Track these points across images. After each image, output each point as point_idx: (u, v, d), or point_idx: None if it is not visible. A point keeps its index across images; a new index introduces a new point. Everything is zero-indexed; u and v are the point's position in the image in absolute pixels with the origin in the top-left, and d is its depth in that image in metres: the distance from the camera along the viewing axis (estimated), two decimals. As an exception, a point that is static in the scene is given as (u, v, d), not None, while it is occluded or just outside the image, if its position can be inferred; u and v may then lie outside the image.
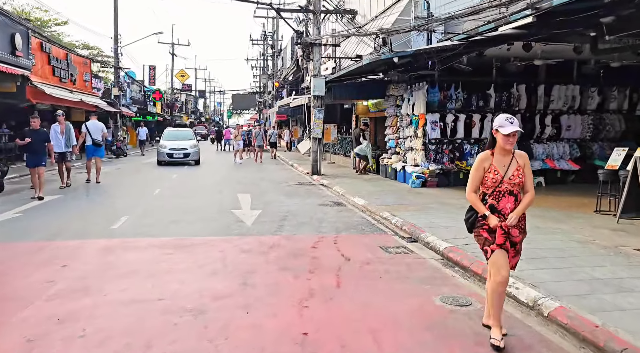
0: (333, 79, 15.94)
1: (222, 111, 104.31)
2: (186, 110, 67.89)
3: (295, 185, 13.77)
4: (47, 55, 18.64)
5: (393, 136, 15.41)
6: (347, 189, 12.37)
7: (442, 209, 9.30)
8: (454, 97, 13.34)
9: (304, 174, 17.29)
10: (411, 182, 12.92)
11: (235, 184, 13.76)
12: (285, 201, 10.75)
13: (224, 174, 16.97)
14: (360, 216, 9.05)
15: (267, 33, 39.72)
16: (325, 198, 11.42)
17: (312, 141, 16.48)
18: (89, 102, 21.72)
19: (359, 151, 16.51)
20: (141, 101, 36.17)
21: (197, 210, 9.41)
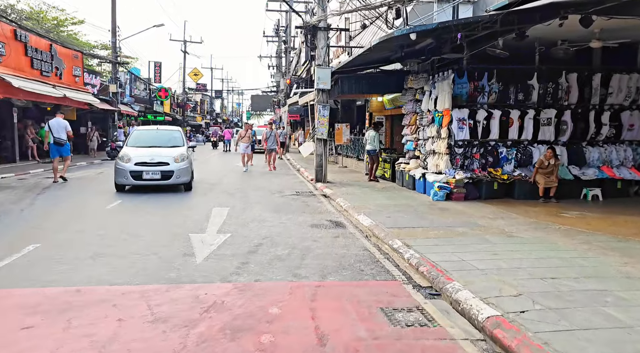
0: (341, 69, 13.53)
1: (242, 112, 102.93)
2: (201, 110, 66.30)
3: (291, 196, 11.40)
4: (23, 44, 16.74)
5: (411, 136, 12.92)
6: (353, 202, 9.94)
7: (476, 237, 6.81)
8: (486, 89, 10.80)
9: (307, 181, 14.91)
10: (433, 194, 10.41)
11: (218, 193, 11.47)
12: (269, 219, 8.39)
13: (213, 179, 14.70)
14: (362, 245, 6.61)
15: (280, 27, 37.53)
16: (323, 214, 9.01)
17: (315, 143, 14.11)
18: (76, 98, 19.79)
19: (369, 145, 14.03)
20: (146, 99, 34.35)
21: (145, 233, 7.12)
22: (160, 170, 11.15)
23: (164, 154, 11.48)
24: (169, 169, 11.22)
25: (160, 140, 12.50)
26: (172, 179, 11.25)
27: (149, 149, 11.75)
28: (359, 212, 8.78)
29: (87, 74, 23.89)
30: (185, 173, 11.56)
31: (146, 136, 12.77)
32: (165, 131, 13.63)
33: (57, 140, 12.96)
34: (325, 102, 13.89)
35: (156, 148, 11.88)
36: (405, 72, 13.51)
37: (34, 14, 34.32)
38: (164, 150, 11.76)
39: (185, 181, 11.59)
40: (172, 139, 12.73)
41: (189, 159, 11.91)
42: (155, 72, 35.87)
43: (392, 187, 12.77)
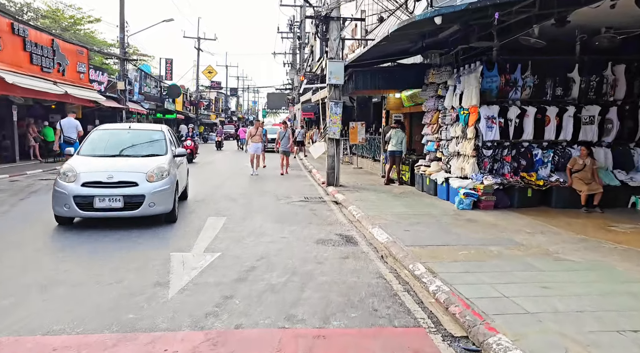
0: (355, 62, 12.35)
1: (258, 110, 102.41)
2: (215, 108, 65.66)
3: (299, 202, 10.27)
4: (22, 39, 15.92)
5: (432, 136, 11.69)
6: (367, 210, 8.78)
7: (515, 259, 5.59)
8: (519, 82, 9.54)
9: (318, 184, 13.77)
10: (458, 201, 9.18)
11: (218, 199, 10.40)
12: (270, 232, 7.27)
13: (216, 182, 13.66)
14: (376, 270, 5.45)
15: (294, 23, 36.43)
16: (332, 226, 7.86)
17: (327, 143, 12.96)
18: (79, 95, 18.97)
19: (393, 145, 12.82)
20: (157, 97, 33.57)
21: (115, 249, 6.06)
22: (123, 194, 7.07)
23: (132, 168, 7.49)
24: (136, 194, 7.12)
25: (131, 145, 8.43)
26: (142, 208, 7.13)
27: (109, 161, 7.83)
28: (374, 224, 7.61)
29: (94, 71, 23.10)
30: (165, 198, 7.43)
31: (110, 139, 8.62)
32: (141, 131, 9.25)
33: (67, 139, 13.43)
34: (338, 98, 12.73)
35: (122, 158, 7.98)
36: (426, 66, 12.28)
37: (50, 13, 34.06)
38: (133, 162, 7.80)
39: (164, 211, 7.47)
40: (149, 144, 8.55)
41: (172, 176, 7.75)
42: (167, 69, 35.09)
43: (411, 192, 11.56)
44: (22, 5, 33.71)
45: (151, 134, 9.03)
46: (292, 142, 17.72)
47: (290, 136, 17.52)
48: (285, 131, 17.27)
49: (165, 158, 8.08)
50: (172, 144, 8.94)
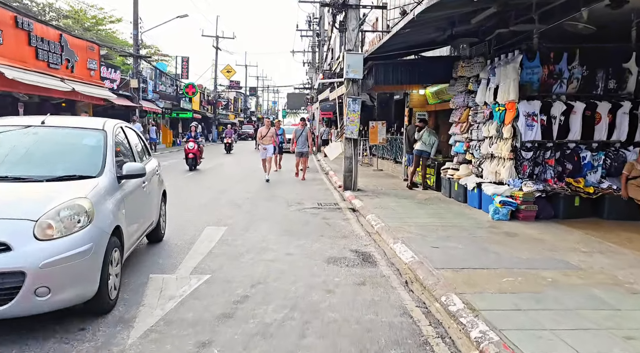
0: (375, 54, 11.21)
1: (277, 110, 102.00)
2: (234, 108, 65.14)
3: (310, 209, 9.19)
4: (27, 33, 15.21)
5: (461, 136, 10.49)
6: (388, 220, 7.65)
7: (577, 291, 4.41)
8: (565, 74, 8.28)
9: (335, 188, 12.67)
10: (493, 211, 7.97)
11: (222, 204, 9.38)
12: (273, 247, 6.21)
13: (222, 186, 12.68)
14: (400, 302, 4.33)
15: (313, 20, 35.39)
16: (347, 240, 6.75)
17: (344, 143, 11.85)
18: (88, 93, 18.24)
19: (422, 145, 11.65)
20: (172, 96, 32.91)
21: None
22: None
23: (9, 208, 3.62)
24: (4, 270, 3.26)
25: (33, 157, 4.51)
26: (19, 302, 3.29)
27: None
28: (396, 238, 6.48)
29: (106, 68, 22.45)
30: (78, 275, 3.57)
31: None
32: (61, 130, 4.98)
33: None
34: (356, 94, 11.62)
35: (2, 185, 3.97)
36: (454, 58, 11.08)
37: (73, 13, 33.96)
38: (22, 192, 3.95)
39: (78, 299, 3.62)
40: (70, 154, 4.71)
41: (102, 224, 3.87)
42: (183, 68, 34.44)
43: (437, 198, 10.38)
44: (45, 5, 33.65)
45: (79, 136, 4.87)
46: (310, 142, 15.18)
47: (309, 136, 15.04)
48: (303, 130, 14.94)
49: (94, 186, 4.07)
50: (126, 155, 5.09)
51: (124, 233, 4.33)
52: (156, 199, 6.07)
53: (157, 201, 6.14)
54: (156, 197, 6.08)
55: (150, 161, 6.21)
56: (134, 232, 4.83)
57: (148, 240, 6.11)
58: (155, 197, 6.00)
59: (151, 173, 5.80)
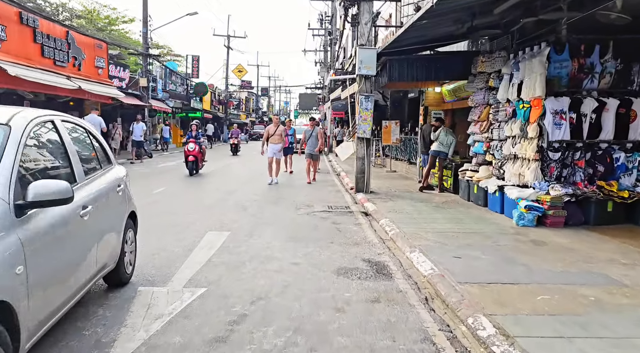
0: (389, 49, 10.64)
1: (289, 110, 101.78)
2: (246, 108, 64.90)
3: (320, 213, 8.64)
4: (31, 29, 14.89)
5: (481, 136, 9.88)
6: (403, 226, 7.08)
7: (625, 312, 3.82)
8: (597, 68, 7.64)
9: (347, 190, 12.12)
10: (517, 216, 7.35)
11: (227, 207, 8.87)
12: (279, 255, 5.68)
13: (231, 187, 12.19)
14: (420, 324, 3.77)
15: (325, 18, 34.86)
16: (359, 248, 6.19)
17: (356, 143, 11.29)
18: (95, 91, 17.90)
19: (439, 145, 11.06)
20: (183, 95, 32.60)
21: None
22: None
23: None
24: None
25: None
26: None
27: None
28: (412, 246, 5.92)
29: (114, 67, 22.15)
30: None
31: None
32: None
33: None
34: (369, 92, 11.06)
35: None
36: (473, 53, 10.48)
37: (86, 13, 33.95)
38: None
39: None
40: None
41: None
42: (193, 67, 34.13)
43: (455, 202, 9.77)
44: (58, 5, 33.64)
45: None
46: (322, 143, 14.01)
47: (320, 136, 13.92)
48: (313, 130, 13.93)
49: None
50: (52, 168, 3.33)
51: (17, 313, 2.42)
52: (113, 230, 4.12)
53: (118, 230, 4.24)
54: (113, 226, 4.14)
55: (108, 173, 4.29)
56: (51, 300, 2.91)
57: (106, 283, 4.42)
58: (110, 227, 4.04)
59: (104, 191, 3.96)
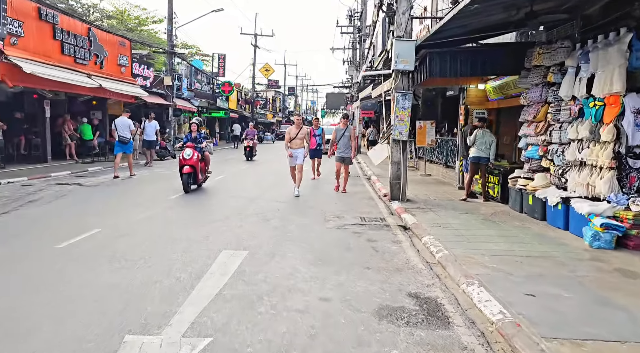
0: (430, 40, 9.48)
1: (316, 110, 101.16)
2: (273, 108, 64.29)
3: (352, 227, 7.57)
4: (51, 26, 14.34)
5: (536, 138, 8.63)
6: (451, 245, 5.97)
7: None
8: (690, 58, 6.32)
9: (380, 198, 11.02)
10: (591, 236, 6.12)
11: (246, 217, 7.89)
12: (303, 286, 4.65)
13: (252, 193, 11.24)
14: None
15: (354, 14, 33.71)
16: (402, 275, 5.10)
17: (391, 146, 10.18)
18: (116, 90, 17.31)
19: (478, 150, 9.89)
20: (209, 94, 32.00)
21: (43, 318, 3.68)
22: None
23: None
24: None
25: None
26: None
27: None
28: (468, 276, 4.80)
29: (138, 65, 21.60)
30: None
31: None
32: None
33: (122, 139, 13.27)
34: (406, 89, 9.94)
35: None
36: (526, 45, 9.23)
37: (117, 14, 33.95)
38: None
39: None
40: None
41: None
42: (219, 66, 33.50)
43: (505, 213, 8.56)
44: (89, 6, 33.68)
45: None
46: (355, 145, 11.84)
47: (353, 138, 11.73)
48: (345, 129, 11.66)
49: None
50: None
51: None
52: None
53: None
54: None
55: None
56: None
57: None
58: None
59: None
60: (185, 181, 10.36)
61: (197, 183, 10.89)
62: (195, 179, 10.71)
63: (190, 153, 10.43)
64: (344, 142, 11.64)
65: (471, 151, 10.06)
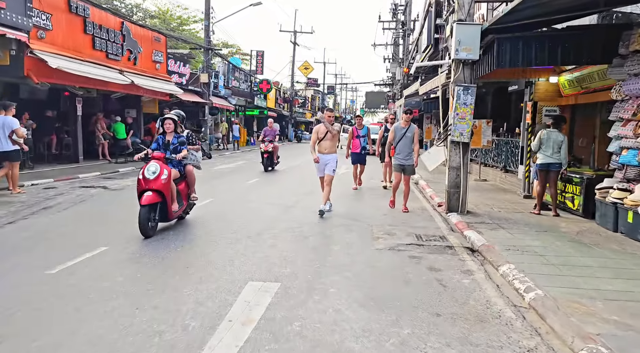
0: (499, 23, 7.98)
1: (355, 109, 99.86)
2: (311, 107, 63.35)
3: (408, 246, 6.23)
4: (82, 19, 13.64)
5: (635, 141, 7.00)
6: (543, 281, 4.55)
7: None
8: None
9: (433, 207, 9.60)
10: None
11: (278, 233, 6.67)
12: (354, 342, 3.39)
13: (286, 202, 10.04)
14: None
15: (398, 8, 32.12)
16: (485, 328, 3.74)
17: (449, 148, 8.73)
18: (149, 87, 16.56)
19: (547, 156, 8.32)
20: (246, 92, 31.20)
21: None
22: None
23: None
24: None
25: None
26: None
27: None
28: (585, 337, 3.38)
29: (174, 61, 20.89)
30: None
31: None
32: None
33: None
34: (468, 81, 8.50)
35: None
36: (621, 27, 7.59)
37: (160, 14, 33.99)
38: None
39: None
40: None
41: None
42: (257, 63, 32.65)
43: (594, 232, 6.99)
44: (133, 6, 33.77)
45: None
46: (417, 150, 8.96)
47: (417, 139, 8.96)
48: (407, 128, 8.89)
49: None
50: None
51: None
52: None
53: None
54: None
55: None
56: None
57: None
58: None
59: None
60: (143, 220, 6.08)
61: (168, 217, 6.63)
62: (165, 213, 6.51)
63: (156, 169, 6.35)
64: (406, 145, 8.86)
65: (538, 156, 8.50)
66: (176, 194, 6.81)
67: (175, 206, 6.72)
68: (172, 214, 6.67)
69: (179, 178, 7.12)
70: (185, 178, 7.34)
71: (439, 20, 20.27)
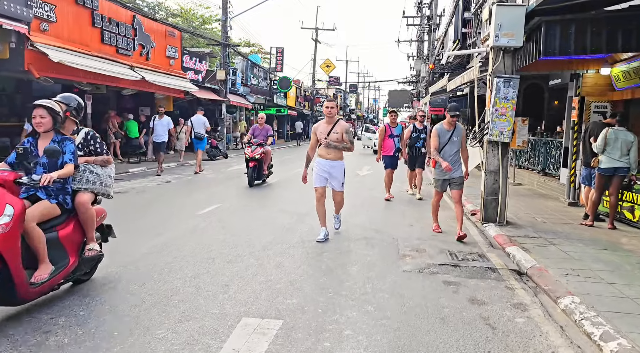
0: (546, 4, 6.82)
1: (378, 108, 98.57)
2: (334, 105, 62.31)
3: (440, 267, 5.17)
4: (89, 11, 12.91)
5: None
6: (618, 321, 3.45)
7: None
8: None
9: (467, 216, 8.48)
10: None
11: (285, 252, 5.71)
12: None
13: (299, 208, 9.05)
14: None
15: (423, 2, 30.83)
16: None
17: (485, 149, 7.61)
18: (161, 83, 15.78)
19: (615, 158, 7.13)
20: (266, 90, 30.38)
21: None
22: None
23: None
24: None
25: None
26: None
27: None
28: None
29: (189, 58, 20.14)
30: None
31: None
32: None
33: (197, 135, 13.86)
34: (510, 72, 7.38)
35: None
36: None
37: (182, 13, 33.69)
38: None
39: None
40: None
41: None
42: (277, 60, 31.82)
43: (667, 251, 5.81)
44: (155, 4, 33.47)
45: None
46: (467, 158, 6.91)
47: (464, 146, 6.85)
48: (454, 129, 6.72)
49: None
50: None
51: None
52: None
53: None
54: None
55: None
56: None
57: None
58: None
59: None
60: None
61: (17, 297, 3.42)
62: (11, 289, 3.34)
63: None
64: (452, 151, 6.69)
65: (601, 159, 7.30)
66: (44, 251, 3.59)
67: (41, 271, 3.55)
68: (25, 290, 3.39)
69: (62, 217, 3.93)
70: (76, 216, 4.07)
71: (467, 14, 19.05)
